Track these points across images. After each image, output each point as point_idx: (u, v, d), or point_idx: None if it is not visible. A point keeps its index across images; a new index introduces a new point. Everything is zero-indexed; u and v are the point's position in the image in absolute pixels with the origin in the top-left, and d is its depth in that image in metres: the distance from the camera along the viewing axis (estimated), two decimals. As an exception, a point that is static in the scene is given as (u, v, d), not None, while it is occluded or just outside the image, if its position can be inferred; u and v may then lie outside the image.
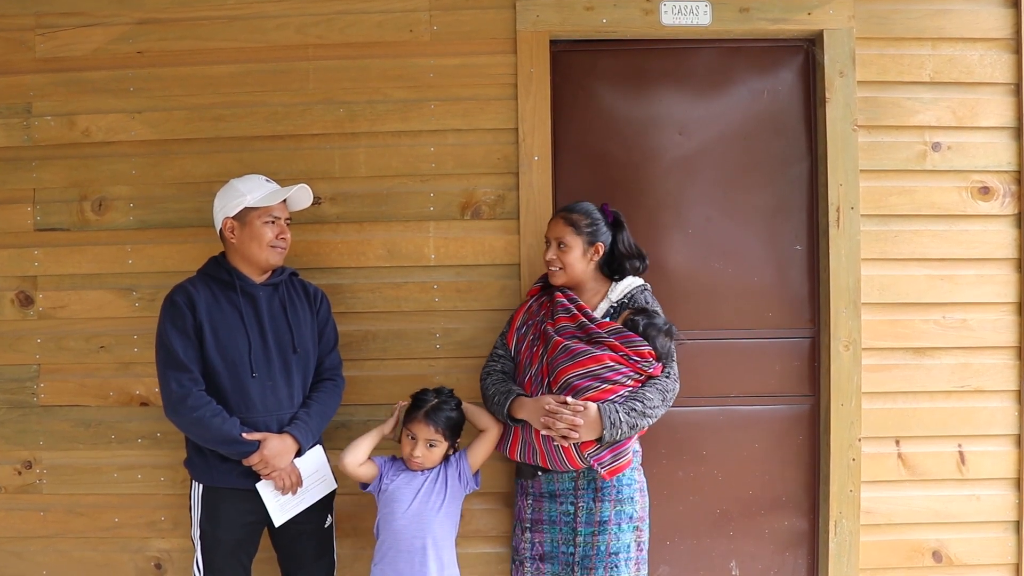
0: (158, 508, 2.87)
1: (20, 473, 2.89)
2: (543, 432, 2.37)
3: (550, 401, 2.37)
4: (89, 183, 2.87)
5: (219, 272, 2.48)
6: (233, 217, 2.46)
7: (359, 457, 2.45)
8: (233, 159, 2.85)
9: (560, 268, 2.52)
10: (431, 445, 2.43)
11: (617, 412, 2.33)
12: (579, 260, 2.52)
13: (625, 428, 2.33)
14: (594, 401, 2.35)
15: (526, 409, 2.42)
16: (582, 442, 2.35)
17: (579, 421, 2.32)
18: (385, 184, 2.87)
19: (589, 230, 2.52)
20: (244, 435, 2.36)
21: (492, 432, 2.51)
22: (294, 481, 2.41)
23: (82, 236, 2.87)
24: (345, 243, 2.85)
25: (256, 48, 2.86)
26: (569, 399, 2.35)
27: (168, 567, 2.88)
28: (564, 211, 2.57)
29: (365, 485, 2.47)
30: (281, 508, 2.42)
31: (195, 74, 2.86)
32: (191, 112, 2.86)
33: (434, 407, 2.44)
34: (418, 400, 2.47)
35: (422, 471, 2.46)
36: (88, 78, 2.87)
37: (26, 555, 2.89)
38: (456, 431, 2.49)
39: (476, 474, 2.52)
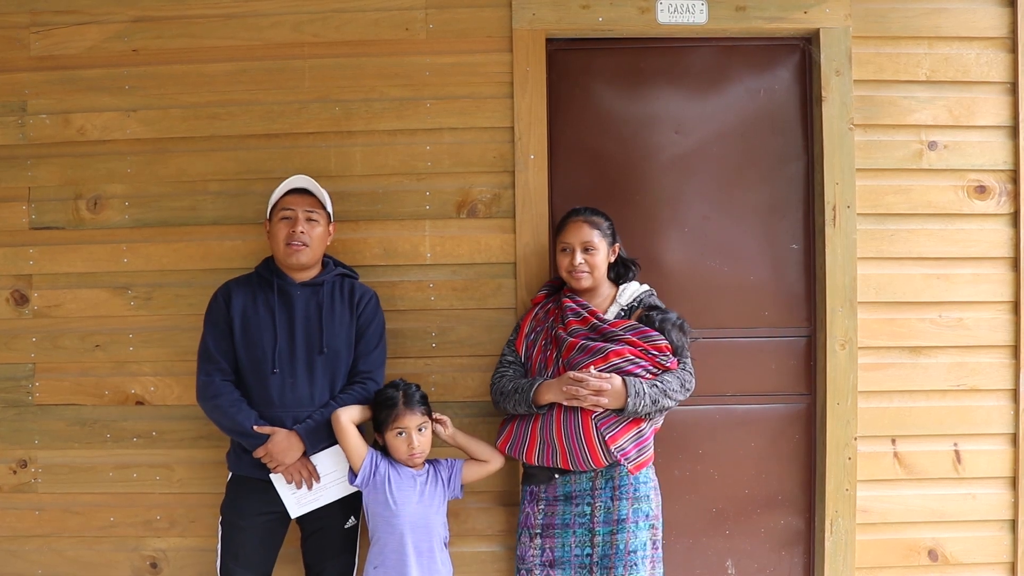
0: (154, 507, 2.86)
1: (15, 472, 2.88)
2: (568, 403, 2.38)
3: (574, 372, 2.39)
4: (84, 181, 2.87)
5: (264, 271, 2.59)
6: (268, 219, 2.59)
7: (353, 415, 2.44)
8: (229, 157, 2.85)
9: (588, 272, 2.54)
10: (420, 429, 2.45)
11: (641, 384, 2.37)
12: (604, 261, 2.58)
13: (648, 401, 2.36)
14: None
15: (552, 389, 2.42)
16: (608, 436, 2.36)
17: (607, 386, 2.34)
18: (381, 183, 2.86)
19: (610, 231, 2.59)
20: (255, 428, 2.42)
21: (494, 464, 2.55)
22: (305, 477, 2.45)
23: (77, 235, 2.87)
24: (341, 241, 2.84)
25: (252, 46, 2.86)
26: (593, 370, 2.38)
27: (164, 566, 2.87)
28: (580, 216, 2.59)
29: (354, 477, 2.45)
30: (297, 501, 2.47)
31: (190, 72, 2.86)
32: (186, 110, 2.86)
33: (407, 394, 2.45)
34: (387, 399, 2.46)
35: (419, 470, 2.47)
36: (83, 76, 2.86)
37: (21, 554, 2.88)
38: (429, 406, 2.50)
39: (461, 486, 2.54)
